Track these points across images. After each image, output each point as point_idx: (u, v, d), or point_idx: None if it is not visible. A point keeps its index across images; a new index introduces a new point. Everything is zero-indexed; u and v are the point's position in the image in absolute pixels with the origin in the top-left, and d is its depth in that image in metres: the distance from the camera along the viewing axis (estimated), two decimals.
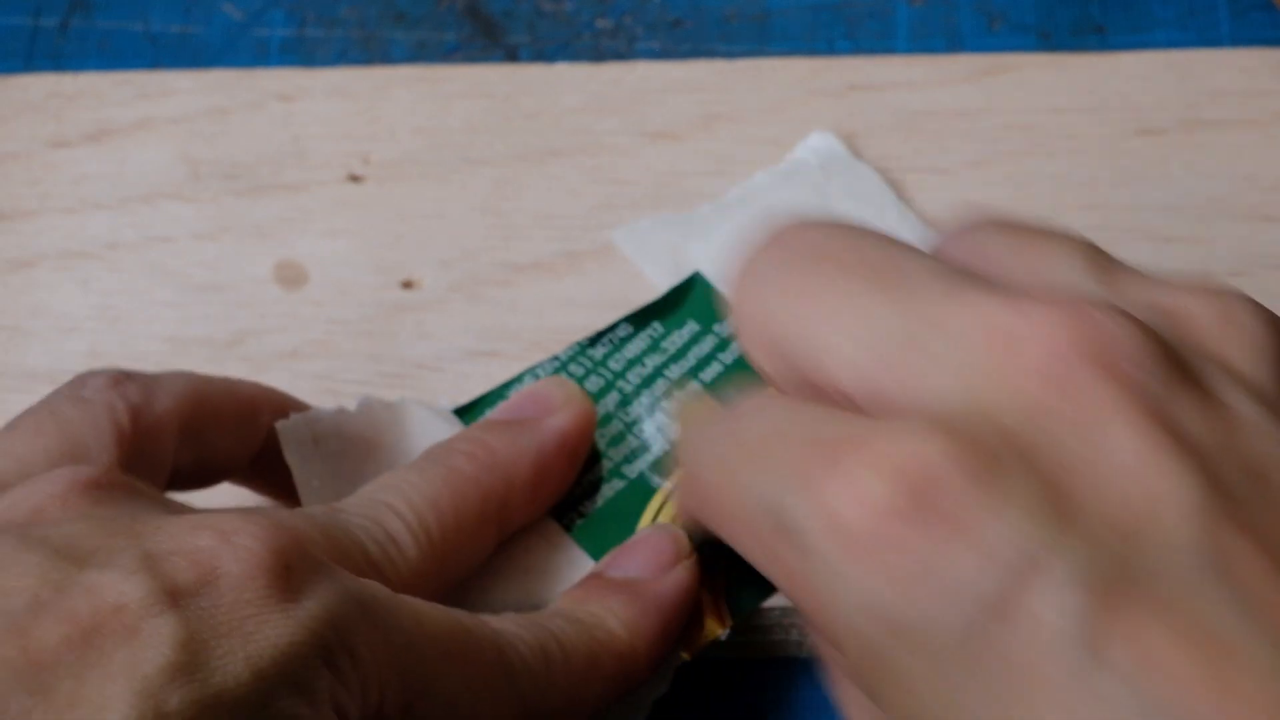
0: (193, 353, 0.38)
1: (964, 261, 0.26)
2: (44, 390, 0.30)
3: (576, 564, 0.32)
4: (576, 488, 0.33)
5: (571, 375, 0.34)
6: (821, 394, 0.25)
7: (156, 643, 0.22)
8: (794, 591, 0.24)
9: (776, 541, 0.24)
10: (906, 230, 0.37)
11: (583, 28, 0.43)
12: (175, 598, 0.23)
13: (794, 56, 0.41)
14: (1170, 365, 0.23)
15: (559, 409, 0.33)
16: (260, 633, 0.23)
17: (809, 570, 0.23)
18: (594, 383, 0.34)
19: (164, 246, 0.39)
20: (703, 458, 0.27)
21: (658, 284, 0.37)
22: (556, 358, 0.35)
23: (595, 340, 0.35)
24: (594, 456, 0.33)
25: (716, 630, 0.31)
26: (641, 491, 0.33)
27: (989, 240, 0.27)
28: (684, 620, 0.31)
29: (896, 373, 0.24)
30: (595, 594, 0.30)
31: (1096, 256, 0.26)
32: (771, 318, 0.26)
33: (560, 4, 0.43)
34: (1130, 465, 0.22)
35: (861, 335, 0.25)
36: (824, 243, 0.26)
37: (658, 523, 0.33)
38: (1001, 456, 0.22)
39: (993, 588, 0.21)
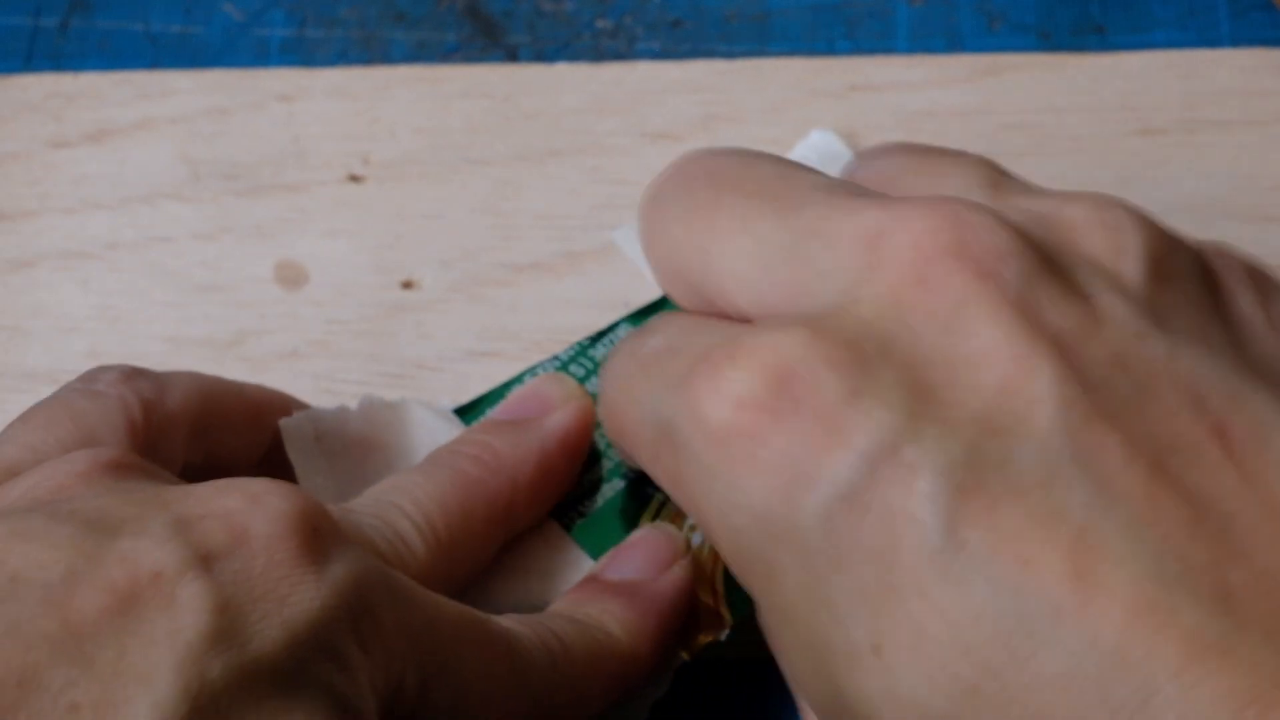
0: (193, 353, 0.38)
1: (865, 181, 0.27)
2: (44, 390, 0.30)
3: (576, 564, 0.33)
4: (577, 487, 0.33)
5: (573, 375, 0.34)
6: (724, 315, 0.26)
7: (194, 608, 0.22)
8: (681, 498, 0.25)
9: (660, 447, 0.25)
10: None
11: (583, 28, 0.43)
12: (208, 561, 0.23)
13: (794, 56, 0.41)
14: (1037, 262, 0.23)
15: (559, 407, 0.33)
16: (293, 595, 0.23)
17: (685, 470, 0.24)
18: (595, 383, 0.34)
19: (164, 246, 0.39)
20: (607, 375, 0.28)
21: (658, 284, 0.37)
22: (557, 358, 0.35)
23: (596, 340, 0.35)
24: (594, 456, 0.33)
25: (716, 630, 0.31)
26: (641, 492, 0.33)
27: (892, 160, 0.28)
28: (682, 619, 0.31)
29: (781, 284, 0.25)
30: (593, 596, 0.30)
31: (993, 173, 0.27)
32: (671, 243, 0.27)
33: (560, 4, 0.43)
34: (987, 355, 0.22)
35: (748, 249, 0.25)
36: (716, 165, 0.27)
37: (656, 523, 0.33)
38: (863, 349, 0.23)
39: (851, 478, 0.22)
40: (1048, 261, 0.23)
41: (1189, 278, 0.25)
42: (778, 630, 0.24)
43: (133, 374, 0.30)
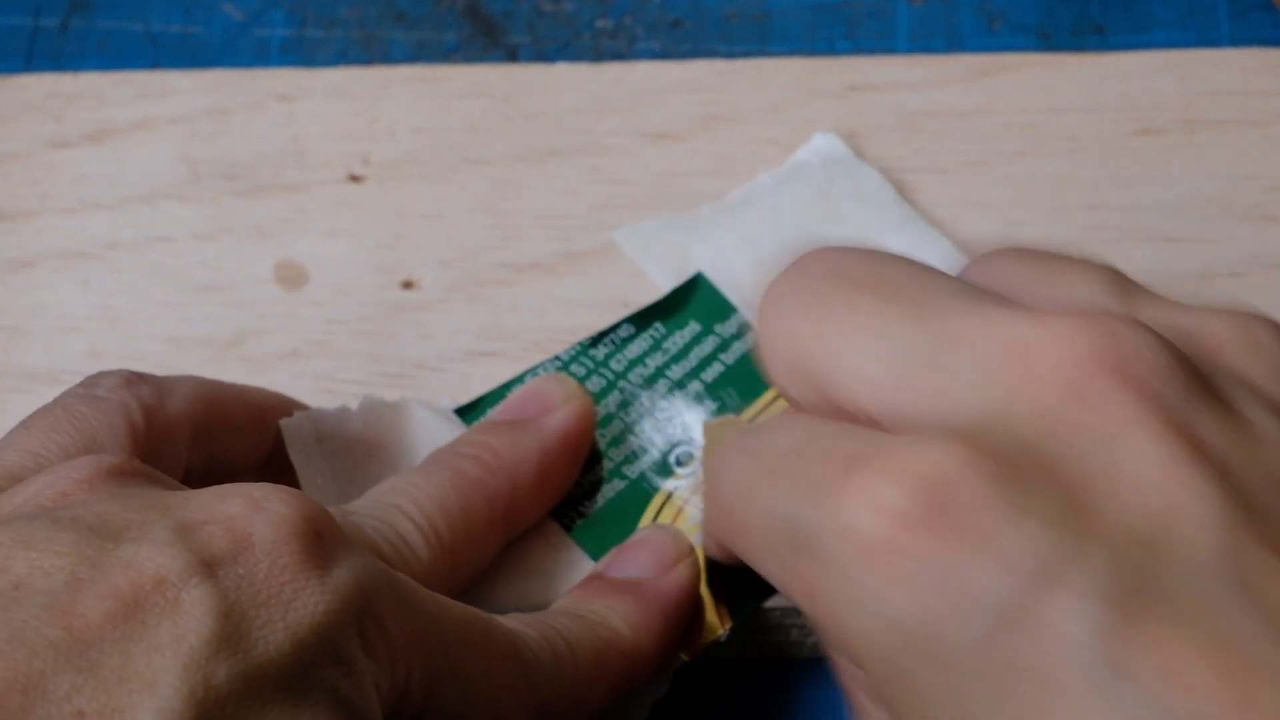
0: (193, 353, 0.38)
1: (987, 286, 0.26)
2: (44, 390, 0.30)
3: (576, 564, 0.33)
4: (577, 488, 0.33)
5: (573, 375, 0.34)
6: (845, 415, 0.25)
7: (199, 613, 0.22)
8: (813, 608, 0.24)
9: (795, 556, 0.24)
10: (910, 231, 0.37)
11: (583, 28, 0.43)
12: (212, 567, 0.23)
13: (794, 56, 0.41)
14: (1190, 378, 0.23)
15: (559, 406, 0.33)
16: (298, 600, 0.23)
17: (826, 583, 0.23)
18: (595, 383, 0.34)
19: (164, 246, 0.39)
20: (724, 476, 0.27)
21: (659, 284, 0.37)
22: (558, 358, 0.35)
23: (597, 340, 0.35)
24: (594, 457, 0.33)
25: (716, 631, 0.31)
26: (642, 492, 0.33)
27: (1012, 265, 0.27)
28: (686, 618, 0.31)
29: (916, 388, 0.24)
30: (598, 593, 0.30)
31: (1119, 280, 0.26)
32: (794, 340, 0.26)
33: (560, 4, 0.43)
34: (1150, 476, 0.22)
35: (882, 352, 0.24)
36: (845, 264, 0.26)
37: (658, 523, 0.33)
38: (1020, 466, 0.22)
39: (1010, 597, 0.21)
40: (1201, 380, 0.23)
41: None
42: None
43: (134, 379, 0.30)
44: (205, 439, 0.31)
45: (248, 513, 0.24)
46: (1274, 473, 0.22)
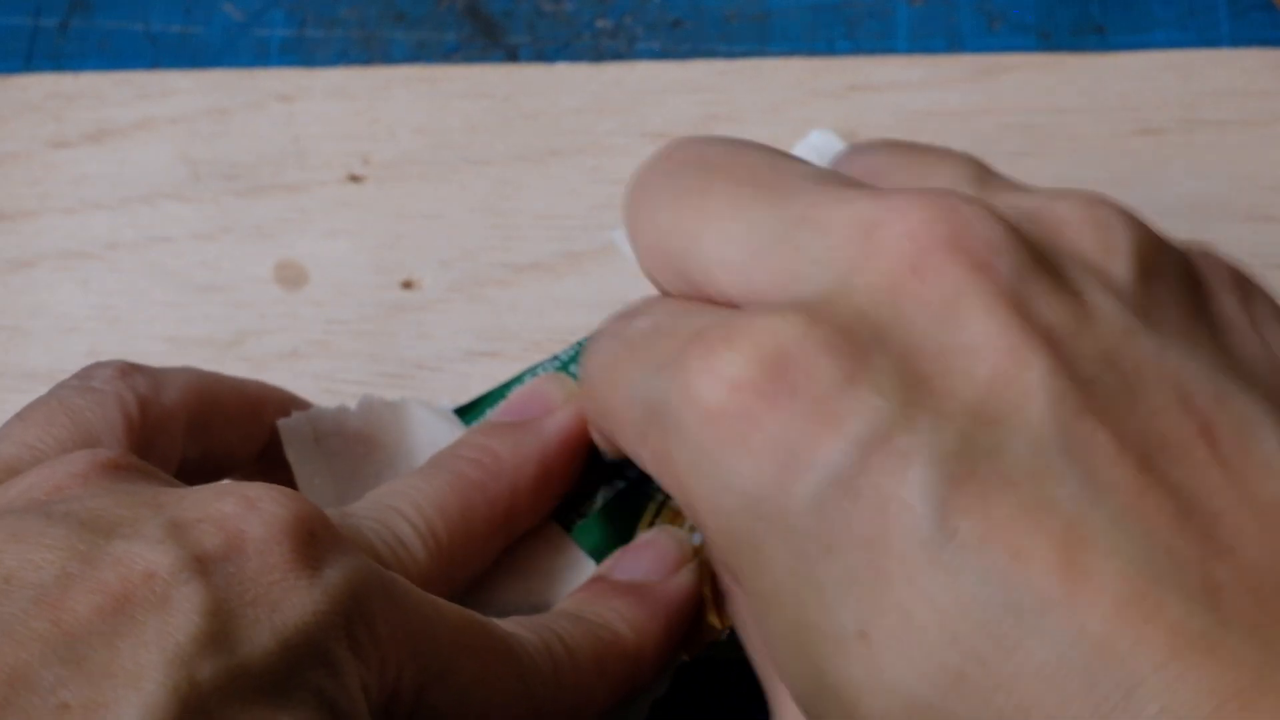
0: (193, 353, 0.38)
1: (855, 176, 0.27)
2: (44, 390, 0.30)
3: (576, 565, 0.32)
4: (577, 488, 0.33)
5: (573, 375, 0.34)
6: (706, 298, 0.26)
7: (186, 610, 0.22)
8: (670, 481, 0.25)
9: (649, 429, 0.25)
10: None
11: (583, 28, 0.43)
12: (203, 564, 0.23)
13: (794, 56, 0.41)
14: (1029, 257, 0.23)
15: (559, 407, 0.33)
16: (286, 601, 0.23)
17: (675, 452, 0.24)
18: None
19: (164, 246, 0.39)
20: (592, 358, 0.28)
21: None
22: (557, 358, 0.35)
23: None
24: (595, 456, 0.33)
25: (716, 630, 0.31)
26: (641, 493, 0.33)
27: (878, 156, 0.28)
28: (689, 622, 0.31)
29: (768, 267, 0.25)
30: (601, 596, 0.30)
31: (980, 170, 0.27)
32: (658, 228, 0.27)
33: (560, 4, 0.43)
34: (982, 347, 0.22)
35: (736, 234, 0.25)
36: (705, 152, 0.27)
37: (662, 526, 0.33)
38: (858, 336, 0.23)
39: (844, 462, 0.22)
40: (1039, 256, 0.24)
41: (1175, 278, 0.25)
42: (760, 615, 0.24)
43: (129, 370, 0.30)
44: (200, 430, 0.31)
45: (241, 511, 0.24)
46: (1107, 349, 0.23)
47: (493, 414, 0.33)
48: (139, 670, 0.21)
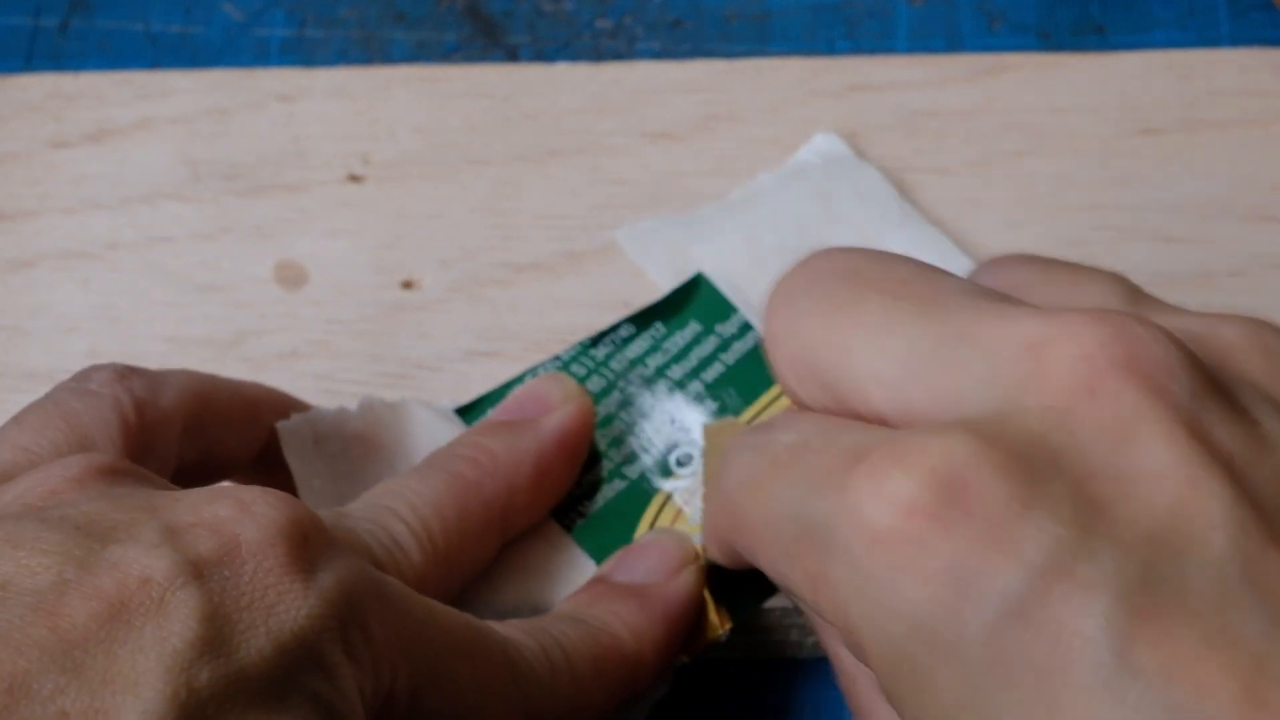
0: (193, 353, 0.38)
1: (995, 288, 0.26)
2: (44, 390, 0.30)
3: (577, 565, 0.32)
4: (577, 488, 0.33)
5: (573, 375, 0.34)
6: (855, 415, 0.25)
7: (183, 616, 0.22)
8: (820, 601, 0.24)
9: (801, 549, 0.24)
10: (911, 230, 0.37)
11: (583, 28, 0.43)
12: (198, 569, 0.23)
13: (794, 56, 0.41)
14: (1201, 377, 0.23)
15: (558, 407, 0.33)
16: (281, 605, 0.23)
17: (835, 574, 0.23)
18: (595, 383, 0.34)
19: (164, 246, 0.39)
20: (730, 472, 0.27)
21: (660, 284, 0.37)
22: (558, 358, 0.35)
23: (597, 340, 0.35)
24: (594, 457, 0.33)
25: (716, 631, 0.31)
26: (642, 493, 0.33)
27: (1021, 269, 0.27)
28: (690, 624, 0.31)
29: (927, 385, 0.24)
30: (601, 598, 0.30)
31: (1128, 285, 0.26)
32: (804, 340, 0.26)
33: (560, 4, 0.43)
34: (1161, 473, 0.22)
35: (892, 350, 0.24)
36: (854, 264, 0.26)
37: (664, 527, 0.33)
38: (1031, 459, 0.22)
39: (1019, 590, 0.21)
40: (1212, 379, 0.23)
41: None
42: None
43: (126, 373, 0.30)
44: (198, 433, 0.31)
45: (236, 515, 0.24)
46: None
47: (492, 414, 0.33)
48: (137, 677, 0.21)
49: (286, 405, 0.33)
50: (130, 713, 0.21)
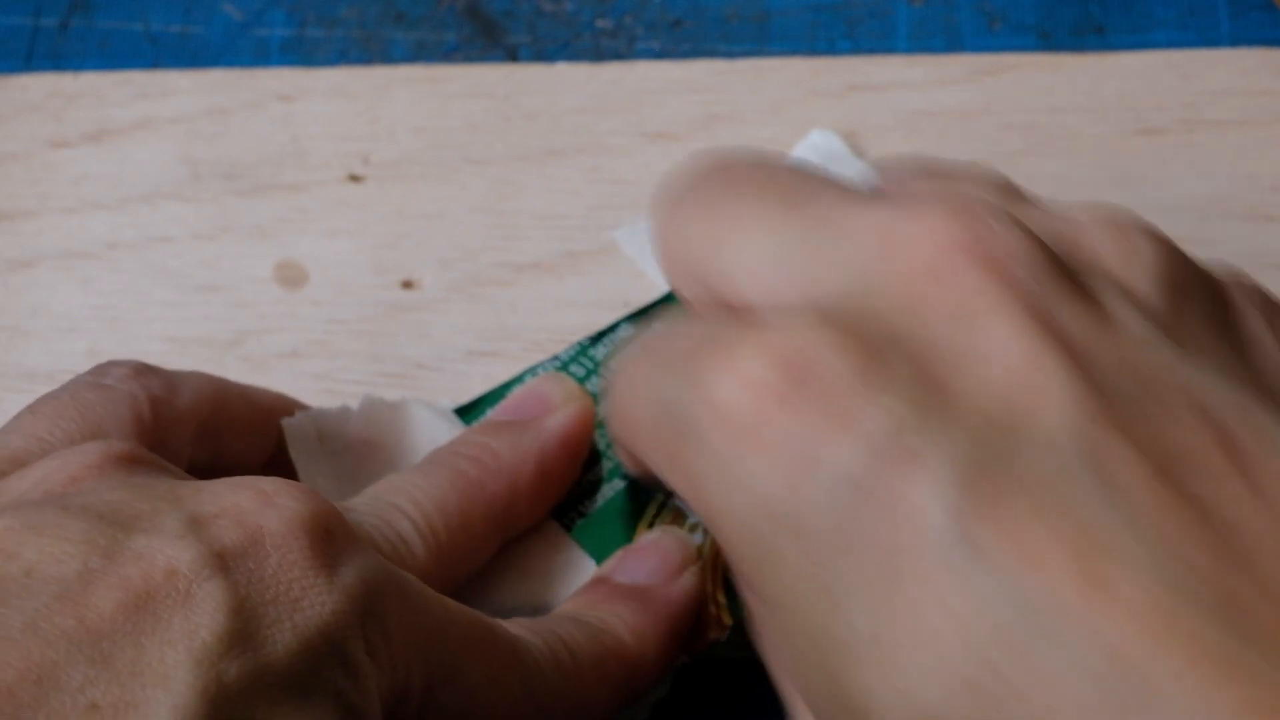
0: (193, 353, 0.38)
1: (884, 189, 0.27)
2: (44, 390, 0.30)
3: (577, 564, 0.32)
4: (577, 487, 0.33)
5: (573, 375, 0.34)
6: (731, 308, 0.26)
7: (210, 608, 0.22)
8: (691, 493, 0.24)
9: (674, 441, 0.24)
10: None
11: (583, 28, 0.43)
12: (223, 561, 0.23)
13: (794, 56, 0.41)
14: (1055, 270, 0.23)
15: (559, 407, 0.33)
16: (305, 600, 0.23)
17: (690, 454, 0.24)
18: (595, 383, 0.34)
19: (164, 246, 0.39)
20: (619, 375, 0.27)
21: (660, 284, 0.37)
22: (558, 358, 0.35)
23: (596, 340, 0.35)
24: (594, 456, 0.33)
25: (717, 631, 0.31)
26: (642, 492, 0.33)
27: (910, 174, 0.28)
28: (691, 625, 0.31)
29: (792, 275, 0.25)
30: (603, 599, 0.30)
31: (1006, 184, 0.27)
32: (687, 242, 0.27)
33: (560, 4, 0.43)
34: (1009, 360, 0.22)
35: (760, 243, 0.25)
36: (736, 166, 0.27)
37: (666, 528, 0.33)
38: (880, 344, 0.22)
39: (865, 470, 0.21)
40: (1061, 265, 0.23)
41: (1200, 295, 0.25)
42: (774, 621, 0.24)
43: (143, 370, 0.30)
44: (210, 436, 0.31)
45: (258, 506, 0.24)
46: (1133, 365, 0.22)
47: (493, 413, 0.33)
48: (166, 670, 0.21)
49: (297, 411, 0.33)
50: (161, 706, 0.21)
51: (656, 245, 0.28)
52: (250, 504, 0.24)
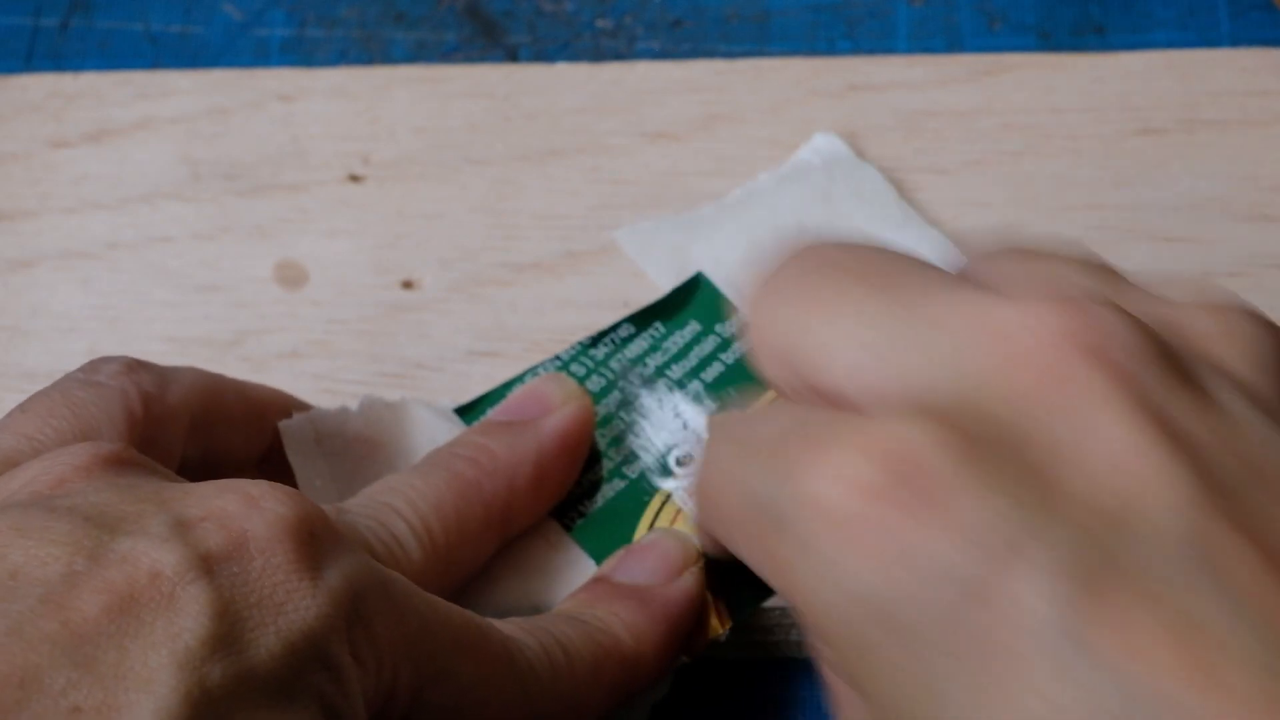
0: (193, 353, 0.38)
1: (979, 279, 0.26)
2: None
3: (577, 564, 0.32)
4: (577, 487, 0.33)
5: (573, 375, 0.34)
6: (827, 401, 0.25)
7: (194, 612, 0.22)
8: (784, 584, 0.24)
9: (767, 534, 0.24)
10: (911, 230, 0.37)
11: (583, 28, 0.43)
12: (207, 564, 0.23)
13: (794, 56, 0.41)
14: (1165, 361, 0.23)
15: (558, 407, 0.33)
16: (289, 603, 0.23)
17: (796, 559, 0.23)
18: (595, 383, 0.34)
19: (164, 246, 0.39)
20: (709, 462, 0.27)
21: (660, 284, 0.37)
22: (558, 358, 0.35)
23: (597, 340, 0.35)
24: (594, 456, 0.33)
25: (716, 631, 0.31)
26: (642, 492, 0.33)
27: (1004, 260, 0.27)
28: (690, 626, 0.31)
29: (892, 371, 0.24)
30: (602, 598, 0.30)
31: (1106, 271, 0.26)
32: (779, 327, 0.26)
33: (560, 4, 0.43)
34: (1118, 454, 0.22)
35: (861, 336, 0.25)
36: (833, 254, 0.26)
37: (666, 527, 0.33)
38: (987, 441, 0.22)
39: (973, 570, 0.21)
40: (1176, 364, 0.23)
41: None
42: (867, 711, 0.23)
43: (134, 366, 0.30)
44: (203, 431, 0.31)
45: (244, 510, 0.24)
46: (1245, 456, 0.22)
47: (492, 414, 0.33)
48: (149, 673, 0.21)
49: (291, 407, 0.33)
50: (144, 710, 0.21)
51: (751, 332, 0.27)
52: (235, 507, 0.24)
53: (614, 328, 0.35)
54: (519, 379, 0.34)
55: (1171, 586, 0.20)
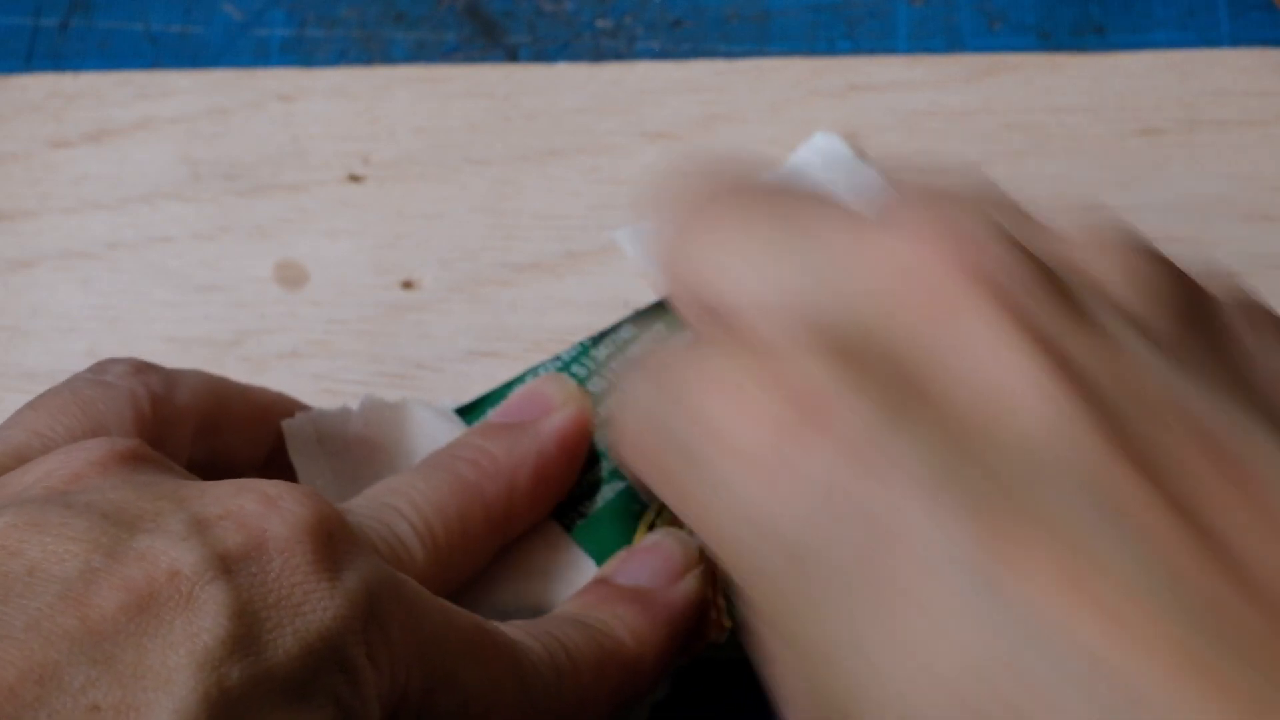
0: (193, 353, 0.38)
1: (880, 212, 0.27)
2: (44, 390, 0.30)
3: (577, 565, 0.32)
4: (577, 488, 0.33)
5: (575, 376, 0.34)
6: (728, 327, 0.26)
7: (213, 612, 0.22)
8: (683, 508, 0.24)
9: (670, 462, 0.24)
10: None
11: (583, 28, 0.43)
12: (226, 564, 0.23)
13: (794, 56, 0.41)
14: (1054, 291, 0.23)
15: (558, 408, 0.33)
16: (307, 604, 0.23)
17: (697, 486, 0.23)
18: (597, 384, 0.34)
19: (164, 246, 0.39)
20: (625, 397, 0.27)
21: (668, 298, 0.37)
22: (559, 358, 0.35)
23: (597, 340, 0.35)
24: (595, 457, 0.33)
25: (716, 631, 0.31)
26: (642, 493, 0.33)
27: (908, 193, 0.28)
28: (692, 629, 0.31)
29: (786, 293, 0.24)
30: (604, 601, 0.30)
31: (1009, 205, 0.27)
32: (685, 257, 0.26)
33: (560, 4, 0.43)
34: (986, 363, 0.22)
35: (757, 260, 0.25)
36: (739, 186, 0.27)
37: (668, 529, 0.33)
38: (859, 352, 0.22)
39: (840, 474, 0.21)
40: (1055, 282, 0.23)
41: (1196, 312, 0.25)
42: (777, 650, 0.24)
43: (143, 367, 0.30)
44: (209, 434, 0.31)
45: (262, 510, 0.24)
46: (1135, 387, 0.22)
47: (492, 415, 0.33)
48: (168, 673, 0.21)
49: (296, 412, 0.33)
50: (162, 710, 0.21)
51: (660, 266, 0.28)
52: (255, 507, 0.24)
53: (615, 329, 0.35)
54: (520, 379, 0.34)
55: (1044, 497, 0.21)
